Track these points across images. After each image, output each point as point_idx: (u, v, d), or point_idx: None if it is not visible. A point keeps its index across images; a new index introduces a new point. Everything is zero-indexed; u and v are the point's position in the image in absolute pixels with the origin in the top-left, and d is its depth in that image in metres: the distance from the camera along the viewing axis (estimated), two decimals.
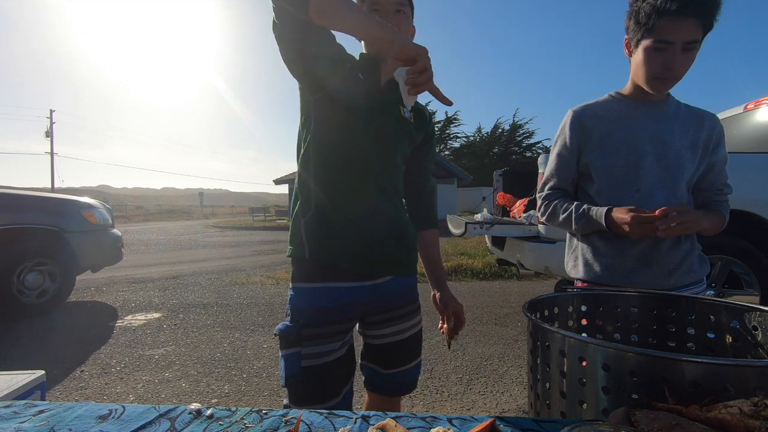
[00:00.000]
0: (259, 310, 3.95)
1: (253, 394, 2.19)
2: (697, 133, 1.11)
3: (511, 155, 32.58)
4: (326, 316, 0.95)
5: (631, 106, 1.13)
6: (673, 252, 1.08)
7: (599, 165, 1.13)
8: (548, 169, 1.25)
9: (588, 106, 1.19)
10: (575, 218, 1.13)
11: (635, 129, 1.11)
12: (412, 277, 1.11)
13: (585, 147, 1.16)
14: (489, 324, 3.45)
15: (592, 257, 1.14)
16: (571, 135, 1.18)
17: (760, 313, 0.66)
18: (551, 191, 1.24)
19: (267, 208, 25.93)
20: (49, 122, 34.04)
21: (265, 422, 0.52)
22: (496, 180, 4.49)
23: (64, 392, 2.21)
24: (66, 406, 0.56)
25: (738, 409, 0.40)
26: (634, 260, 1.08)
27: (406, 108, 1.05)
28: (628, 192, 1.09)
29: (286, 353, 0.93)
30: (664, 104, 1.13)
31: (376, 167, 0.99)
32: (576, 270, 1.18)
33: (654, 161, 1.09)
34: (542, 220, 1.28)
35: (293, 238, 0.99)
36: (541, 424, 0.50)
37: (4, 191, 3.71)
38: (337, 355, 0.96)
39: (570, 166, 1.20)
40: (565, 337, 0.53)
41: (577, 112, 1.18)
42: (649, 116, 1.11)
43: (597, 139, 1.14)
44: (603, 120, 1.14)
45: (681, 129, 1.10)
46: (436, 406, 2.07)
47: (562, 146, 1.20)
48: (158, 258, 7.94)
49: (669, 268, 1.07)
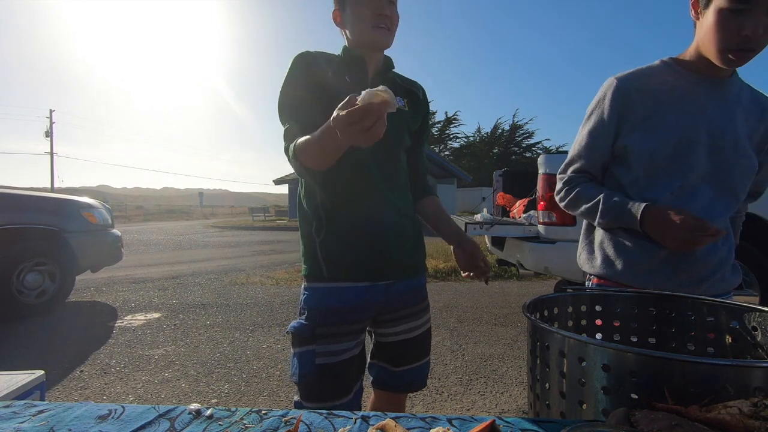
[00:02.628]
0: (258, 310, 3.95)
1: (252, 395, 2.19)
2: (757, 124, 0.93)
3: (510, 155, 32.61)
4: (341, 315, 0.96)
5: (691, 81, 0.93)
6: (709, 258, 0.92)
7: (640, 150, 0.94)
8: (575, 147, 1.06)
9: (637, 74, 0.98)
10: (603, 210, 0.96)
11: (691, 111, 0.91)
12: (422, 277, 1.12)
13: (625, 126, 0.96)
14: (489, 324, 3.45)
15: (613, 252, 0.98)
16: (611, 109, 0.97)
17: (760, 313, 0.66)
18: (575, 174, 1.06)
19: (267, 209, 25.93)
20: (48, 122, 34.03)
21: (265, 422, 0.52)
22: (496, 180, 4.49)
23: (64, 392, 2.21)
24: (65, 407, 0.56)
25: (738, 410, 0.40)
26: (661, 262, 0.93)
27: (399, 97, 1.05)
28: (667, 187, 0.92)
29: (299, 351, 0.95)
30: (729, 82, 0.93)
31: (379, 164, 0.99)
32: (592, 264, 1.03)
33: (706, 154, 0.91)
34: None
35: (308, 258, 1.00)
36: (541, 424, 0.50)
37: (4, 191, 3.71)
38: (351, 354, 0.97)
39: (604, 147, 1.01)
40: (564, 337, 0.53)
41: (622, 81, 0.97)
42: (710, 96, 0.92)
43: (641, 117, 0.94)
44: (653, 95, 0.94)
45: (742, 117, 0.92)
46: (436, 407, 2.07)
47: (598, 121, 1.00)
48: (158, 258, 7.94)
49: (701, 276, 0.92)
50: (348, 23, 0.99)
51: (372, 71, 1.02)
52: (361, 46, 1.00)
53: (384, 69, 1.05)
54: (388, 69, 1.07)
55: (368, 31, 0.95)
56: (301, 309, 0.99)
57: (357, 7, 0.95)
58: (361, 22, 0.95)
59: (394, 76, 1.09)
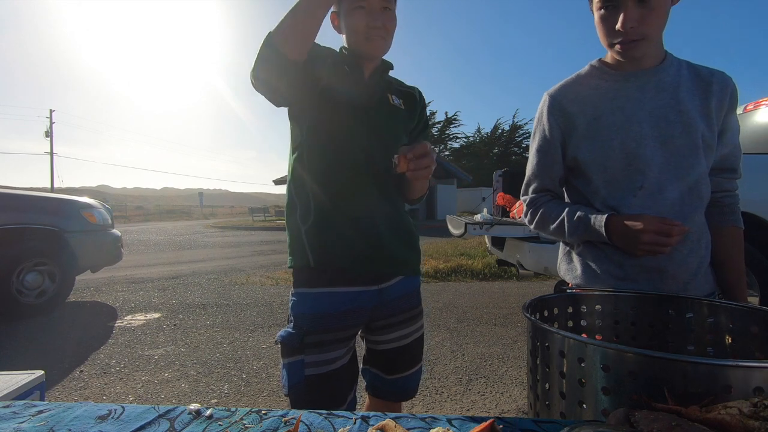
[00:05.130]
0: (258, 310, 3.95)
1: (252, 395, 2.19)
2: (705, 100, 0.90)
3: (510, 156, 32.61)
4: (331, 322, 0.92)
5: (620, 79, 0.93)
6: (689, 260, 0.90)
7: (591, 159, 0.93)
8: (529, 168, 1.06)
9: (567, 85, 0.98)
10: (569, 229, 0.95)
11: (629, 109, 0.90)
12: (416, 278, 1.09)
13: (570, 139, 0.96)
14: (488, 324, 3.45)
15: (592, 261, 0.96)
16: (551, 125, 0.98)
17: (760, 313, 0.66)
18: (536, 195, 1.06)
19: (267, 209, 25.92)
20: (48, 122, 34.02)
21: (265, 422, 0.52)
22: (496, 180, 4.48)
23: (64, 392, 2.21)
24: (65, 407, 0.56)
25: (737, 410, 0.40)
26: (640, 269, 0.90)
27: (395, 96, 1.05)
28: (629, 191, 0.90)
29: (288, 361, 0.90)
30: (660, 69, 0.91)
31: (375, 162, 0.98)
32: (573, 274, 1.01)
33: (658, 147, 0.88)
34: (531, 228, 1.08)
35: (294, 248, 0.97)
36: (541, 424, 0.50)
37: (4, 191, 3.71)
38: (341, 362, 0.94)
39: (554, 163, 1.00)
40: (564, 337, 0.53)
41: (554, 96, 0.98)
42: (643, 90, 0.91)
43: (584, 127, 0.94)
44: (588, 102, 0.94)
45: (688, 98, 0.89)
46: (436, 407, 2.07)
47: (542, 139, 1.00)
48: (158, 258, 7.93)
49: (684, 279, 0.90)
50: (343, 31, 0.98)
51: (368, 74, 1.02)
52: (356, 55, 0.99)
53: (381, 71, 1.04)
54: (386, 71, 1.06)
55: (362, 42, 0.95)
56: (289, 317, 0.95)
57: (349, 19, 0.94)
58: (354, 34, 0.95)
59: (390, 79, 1.09)
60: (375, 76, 1.02)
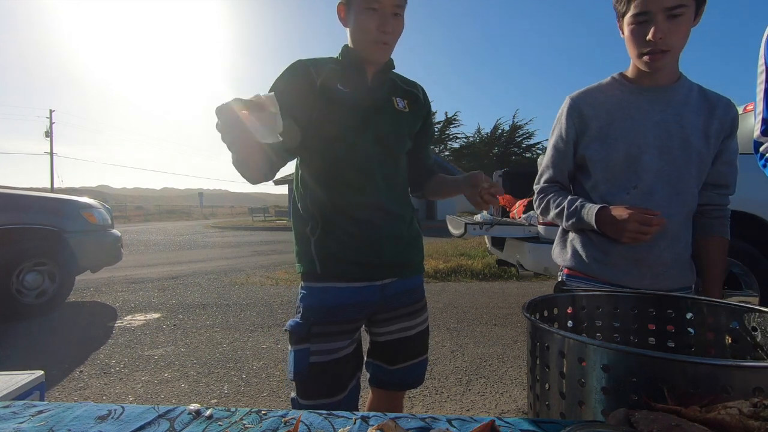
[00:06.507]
0: (258, 310, 3.95)
1: (252, 395, 2.19)
2: (708, 121, 1.01)
3: (510, 156, 32.59)
4: (336, 315, 0.97)
5: (635, 92, 1.04)
6: (665, 254, 1.01)
7: (596, 159, 1.05)
8: (544, 160, 1.20)
9: (588, 91, 1.10)
10: (566, 215, 1.08)
11: (637, 119, 1.02)
12: (418, 277, 1.12)
13: (582, 138, 1.08)
14: (488, 325, 3.45)
15: (581, 247, 1.08)
16: (567, 125, 1.09)
17: (760, 314, 0.66)
18: (547, 184, 1.19)
19: (267, 209, 25.93)
20: (48, 122, 34.02)
21: (265, 423, 0.52)
22: (496, 180, 4.49)
23: (63, 392, 2.21)
24: (65, 407, 0.56)
25: (737, 410, 0.40)
26: (621, 257, 1.02)
27: (399, 99, 1.05)
28: (624, 188, 1.02)
29: (295, 349, 0.96)
30: (672, 89, 1.02)
31: (378, 167, 1.00)
32: (563, 257, 1.13)
33: (656, 155, 1.00)
34: (538, 213, 1.22)
35: (303, 258, 1.02)
36: (541, 424, 0.50)
37: (4, 191, 3.71)
38: (345, 352, 0.98)
39: (566, 158, 1.13)
40: (564, 337, 0.53)
41: (575, 100, 1.10)
42: (653, 104, 1.02)
43: (596, 129, 1.06)
44: (603, 108, 1.05)
45: (691, 117, 1.00)
46: (436, 407, 2.07)
47: (559, 137, 1.13)
48: (158, 258, 7.93)
49: (658, 271, 1.02)
50: (350, 26, 0.97)
51: (371, 73, 1.02)
52: (360, 58, 0.99)
53: (384, 70, 1.04)
54: (388, 70, 1.06)
55: (369, 45, 0.95)
56: (298, 307, 1.00)
57: (361, 17, 0.93)
58: (363, 33, 0.94)
59: (394, 77, 1.09)
60: (378, 78, 1.03)
